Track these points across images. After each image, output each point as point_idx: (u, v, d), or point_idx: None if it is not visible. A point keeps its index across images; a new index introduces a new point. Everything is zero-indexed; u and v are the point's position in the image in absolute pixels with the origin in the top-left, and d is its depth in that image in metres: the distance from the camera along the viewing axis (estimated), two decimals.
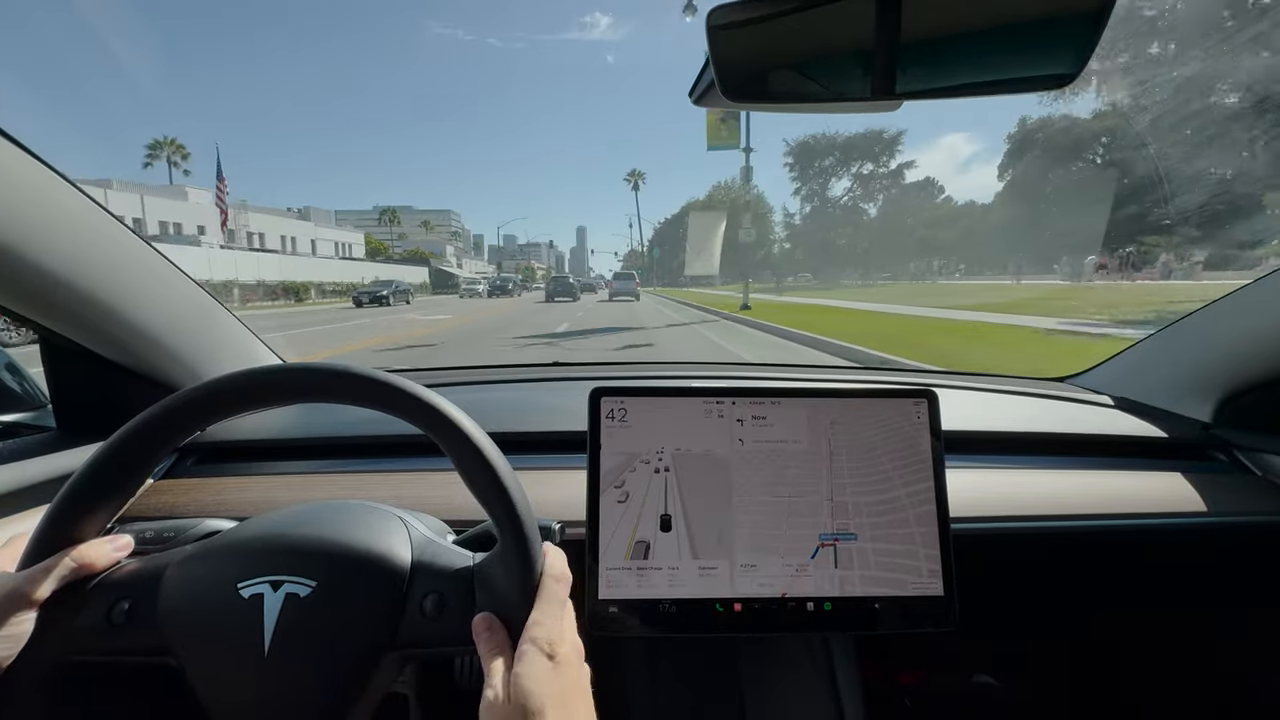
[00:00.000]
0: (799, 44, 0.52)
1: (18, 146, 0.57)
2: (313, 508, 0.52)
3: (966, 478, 0.81)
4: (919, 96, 0.52)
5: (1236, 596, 0.97)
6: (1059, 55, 0.49)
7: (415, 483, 0.79)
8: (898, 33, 0.47)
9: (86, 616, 0.44)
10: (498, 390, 1.17)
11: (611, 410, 0.65)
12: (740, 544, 0.64)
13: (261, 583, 0.45)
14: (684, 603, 0.62)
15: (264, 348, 1.01)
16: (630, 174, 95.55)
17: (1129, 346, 1.12)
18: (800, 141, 63.45)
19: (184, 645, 0.44)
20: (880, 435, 0.67)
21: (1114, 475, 0.87)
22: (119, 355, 0.78)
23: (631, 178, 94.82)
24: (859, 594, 0.63)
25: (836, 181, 63.30)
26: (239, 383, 0.46)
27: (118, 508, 0.47)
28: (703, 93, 0.55)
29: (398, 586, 0.46)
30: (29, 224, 0.59)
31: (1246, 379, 0.90)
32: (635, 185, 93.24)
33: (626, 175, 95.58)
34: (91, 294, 0.68)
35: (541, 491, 0.74)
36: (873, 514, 0.65)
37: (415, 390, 0.46)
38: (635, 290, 24.83)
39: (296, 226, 49.23)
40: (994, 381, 1.18)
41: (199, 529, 0.55)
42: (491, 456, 0.46)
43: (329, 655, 0.44)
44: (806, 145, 62.55)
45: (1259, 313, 0.86)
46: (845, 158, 62.36)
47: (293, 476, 0.82)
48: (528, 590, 0.45)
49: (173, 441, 0.48)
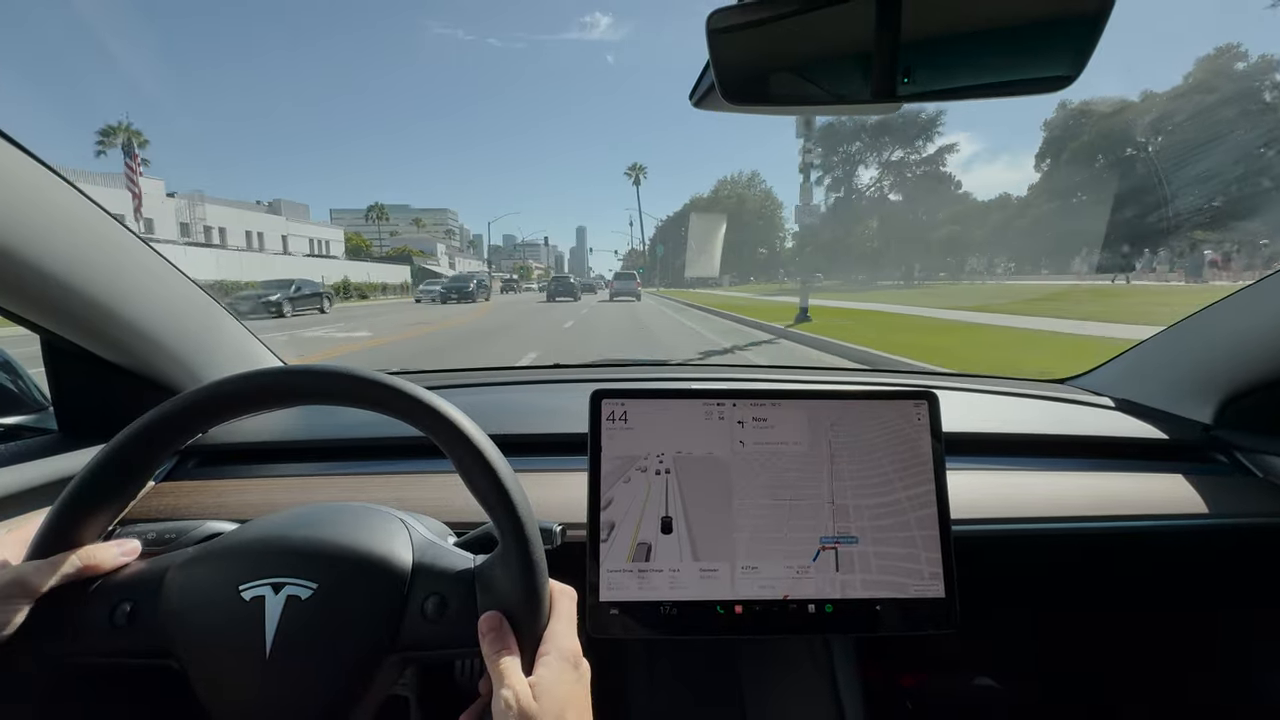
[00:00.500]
0: (799, 47, 0.52)
1: (18, 148, 0.57)
2: (314, 510, 0.52)
3: (967, 479, 0.81)
4: (919, 99, 0.52)
5: (1238, 598, 0.96)
6: (1059, 57, 0.49)
7: (416, 485, 0.79)
8: (898, 35, 0.48)
9: (88, 618, 0.44)
10: (498, 392, 1.17)
11: (612, 412, 0.65)
12: (741, 546, 0.64)
13: (263, 585, 0.45)
14: (685, 605, 0.62)
15: (265, 350, 1.01)
16: (631, 168, 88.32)
17: (1130, 348, 1.12)
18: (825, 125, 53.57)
19: (185, 647, 0.44)
20: (881, 437, 0.67)
21: (1115, 477, 0.86)
22: (120, 358, 0.78)
23: (632, 172, 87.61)
24: (860, 596, 0.63)
25: (864, 170, 54.43)
26: (240, 385, 0.46)
27: (119, 510, 0.47)
28: (703, 96, 0.56)
29: (399, 588, 0.46)
30: (30, 226, 0.59)
31: (1248, 380, 0.90)
32: (636, 180, 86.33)
33: (628, 169, 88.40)
34: (92, 296, 0.68)
35: (542, 493, 0.74)
36: (873, 516, 0.65)
37: (416, 392, 0.46)
38: (637, 291, 24.86)
39: (265, 221, 44.40)
40: (994, 383, 1.18)
41: (200, 531, 0.56)
42: (492, 458, 0.46)
43: (330, 657, 0.44)
44: (831, 128, 53.25)
45: (1260, 314, 0.85)
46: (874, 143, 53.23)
47: (294, 479, 0.82)
48: (529, 592, 0.45)
49: (174, 444, 0.48)
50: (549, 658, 0.44)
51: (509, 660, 0.42)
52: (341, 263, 45.34)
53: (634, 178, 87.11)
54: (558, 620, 0.47)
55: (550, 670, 0.43)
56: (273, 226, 45.33)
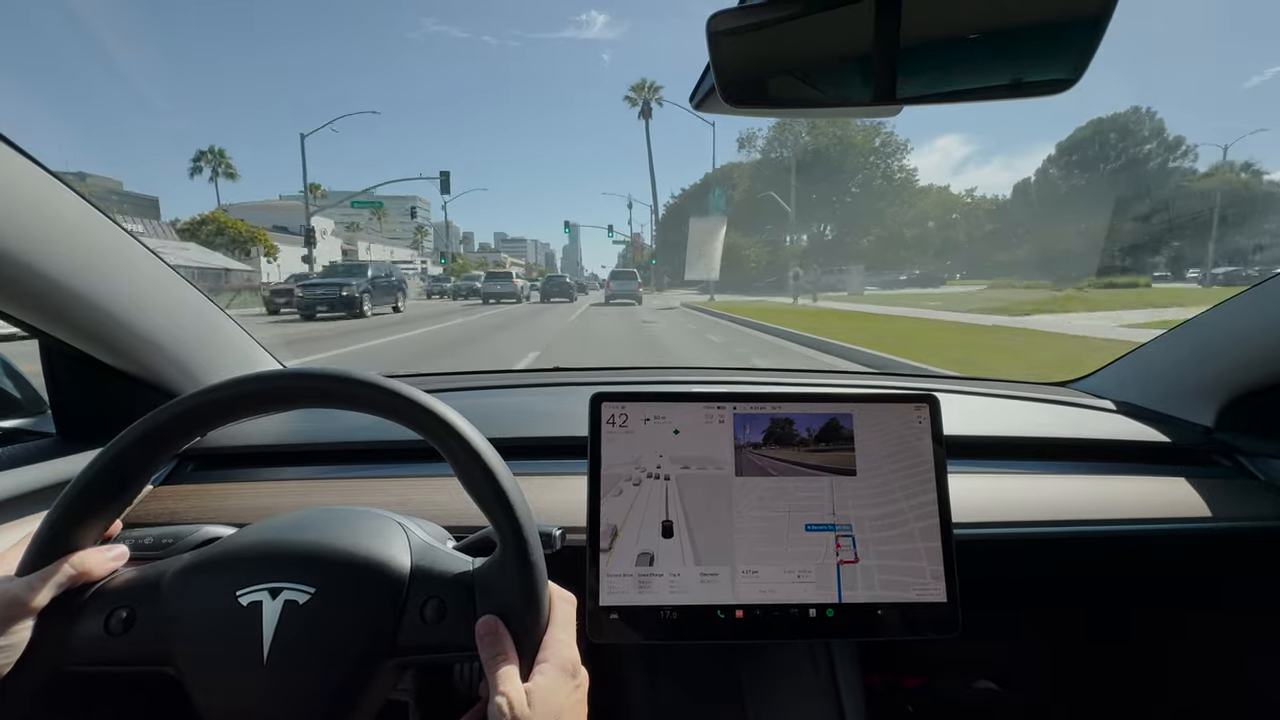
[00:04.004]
0: (799, 50, 0.52)
1: (17, 151, 0.57)
2: (311, 513, 0.52)
3: (968, 483, 0.81)
4: (919, 101, 0.52)
5: (1240, 601, 0.96)
6: (1060, 60, 0.49)
7: (415, 488, 0.79)
8: (897, 38, 0.47)
9: (84, 626, 0.44)
10: (498, 396, 1.17)
11: (612, 415, 0.65)
12: (742, 550, 0.63)
13: (260, 590, 0.44)
14: (685, 609, 0.62)
15: (263, 352, 1.01)
16: (638, 88, 55.19)
17: (1131, 350, 1.11)
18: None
19: (182, 653, 0.44)
20: (881, 440, 0.66)
21: (1116, 480, 0.86)
22: (118, 361, 0.78)
23: (638, 93, 55.18)
24: (861, 600, 0.63)
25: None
26: (239, 388, 0.46)
27: (117, 514, 0.47)
28: (703, 98, 0.56)
29: (397, 592, 0.46)
30: (29, 230, 0.59)
31: (1249, 383, 0.90)
32: (645, 111, 55.53)
33: (631, 90, 55.85)
34: (91, 300, 0.68)
35: (542, 497, 0.74)
36: (874, 519, 0.65)
37: (415, 396, 0.46)
38: (638, 293, 23.62)
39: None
40: (995, 386, 1.18)
41: (198, 536, 0.55)
42: (491, 462, 0.46)
43: (328, 662, 0.44)
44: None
45: (1262, 316, 0.85)
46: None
47: (292, 482, 0.82)
48: (528, 596, 0.45)
49: (172, 447, 0.47)
50: (546, 665, 0.44)
51: (505, 666, 0.42)
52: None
53: (641, 108, 55.97)
54: (556, 626, 0.46)
55: (547, 678, 0.43)
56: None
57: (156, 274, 0.77)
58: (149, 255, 0.76)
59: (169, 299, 0.80)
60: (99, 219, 0.67)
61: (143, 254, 0.74)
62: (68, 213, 0.63)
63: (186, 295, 0.83)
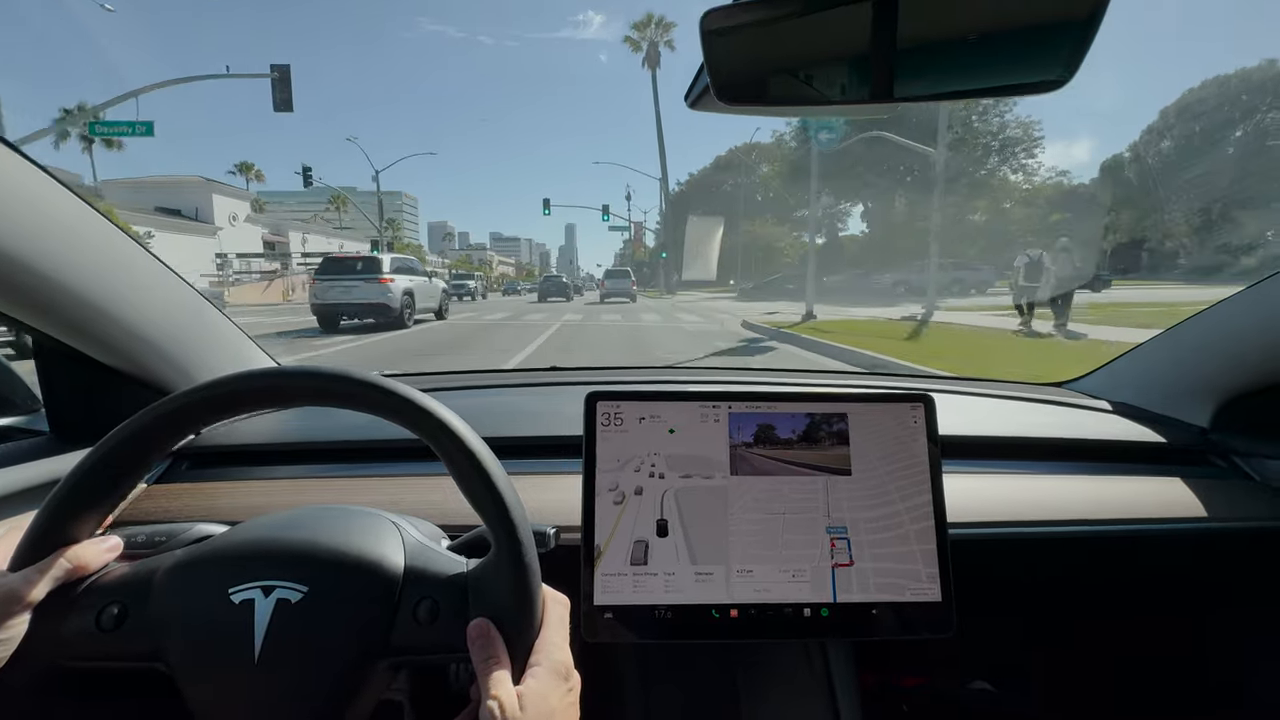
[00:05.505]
0: (794, 48, 0.52)
1: (9, 147, 0.56)
2: (305, 512, 0.52)
3: (964, 483, 0.81)
4: (915, 99, 0.52)
5: (1235, 601, 0.96)
6: (1053, 60, 0.49)
7: (409, 488, 0.79)
8: (894, 36, 0.48)
9: (76, 621, 0.44)
10: (493, 395, 1.17)
11: (607, 414, 0.65)
12: (737, 549, 0.63)
13: (252, 588, 0.44)
14: (680, 608, 0.62)
15: (258, 350, 1.01)
16: (640, 25, 41.54)
17: (1127, 351, 1.12)
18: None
19: (174, 650, 0.44)
20: (877, 440, 0.66)
21: (1112, 480, 0.86)
22: (112, 359, 0.77)
23: (641, 33, 41.45)
24: (856, 600, 0.63)
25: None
26: (233, 386, 0.46)
27: (108, 512, 0.47)
28: (698, 97, 0.55)
29: (390, 592, 0.46)
30: (21, 226, 0.59)
31: (1245, 384, 0.90)
32: (650, 58, 41.66)
33: (632, 28, 42.31)
34: (84, 297, 0.67)
35: (537, 496, 0.74)
36: (870, 519, 0.65)
37: (410, 394, 0.46)
38: (632, 291, 23.40)
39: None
40: (991, 386, 1.18)
41: (190, 534, 0.55)
42: (486, 461, 0.46)
43: (321, 661, 0.44)
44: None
45: (1258, 317, 0.86)
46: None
47: (285, 481, 0.82)
48: (521, 598, 0.45)
49: (165, 446, 0.47)
50: (539, 668, 0.43)
51: (497, 670, 0.42)
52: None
53: (646, 53, 41.76)
54: (549, 629, 0.46)
55: (539, 681, 0.42)
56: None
57: (150, 271, 0.77)
58: (143, 252, 0.75)
59: (163, 296, 0.80)
60: (92, 216, 0.67)
61: (136, 251, 0.74)
62: (59, 209, 0.63)
63: (181, 292, 0.83)
